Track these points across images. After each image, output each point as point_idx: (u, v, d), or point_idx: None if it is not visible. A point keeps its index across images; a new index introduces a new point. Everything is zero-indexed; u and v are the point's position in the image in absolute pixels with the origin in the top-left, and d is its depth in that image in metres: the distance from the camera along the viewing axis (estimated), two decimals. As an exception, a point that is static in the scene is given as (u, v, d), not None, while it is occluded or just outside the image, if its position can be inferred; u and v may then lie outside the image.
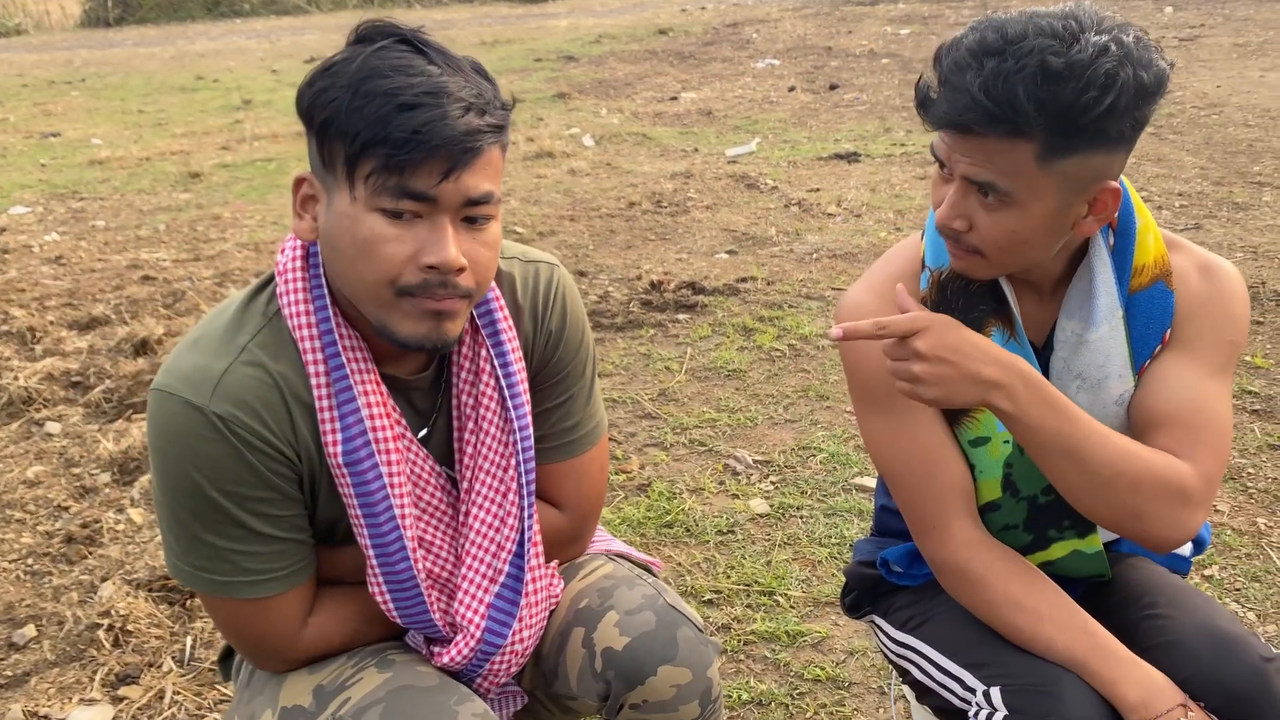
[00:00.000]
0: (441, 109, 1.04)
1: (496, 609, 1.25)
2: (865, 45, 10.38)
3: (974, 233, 1.18)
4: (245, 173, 6.74)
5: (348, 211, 1.08)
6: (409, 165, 1.04)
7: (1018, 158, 1.11)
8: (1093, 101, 1.07)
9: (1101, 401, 1.28)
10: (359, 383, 1.17)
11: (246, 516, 1.14)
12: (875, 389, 1.33)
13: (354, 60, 1.07)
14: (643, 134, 7.17)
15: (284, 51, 13.18)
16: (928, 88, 1.16)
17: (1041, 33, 1.09)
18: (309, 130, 1.10)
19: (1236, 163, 5.51)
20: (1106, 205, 1.18)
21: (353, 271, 1.10)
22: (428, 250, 1.07)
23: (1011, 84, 1.07)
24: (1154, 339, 1.28)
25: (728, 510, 2.63)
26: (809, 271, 4.28)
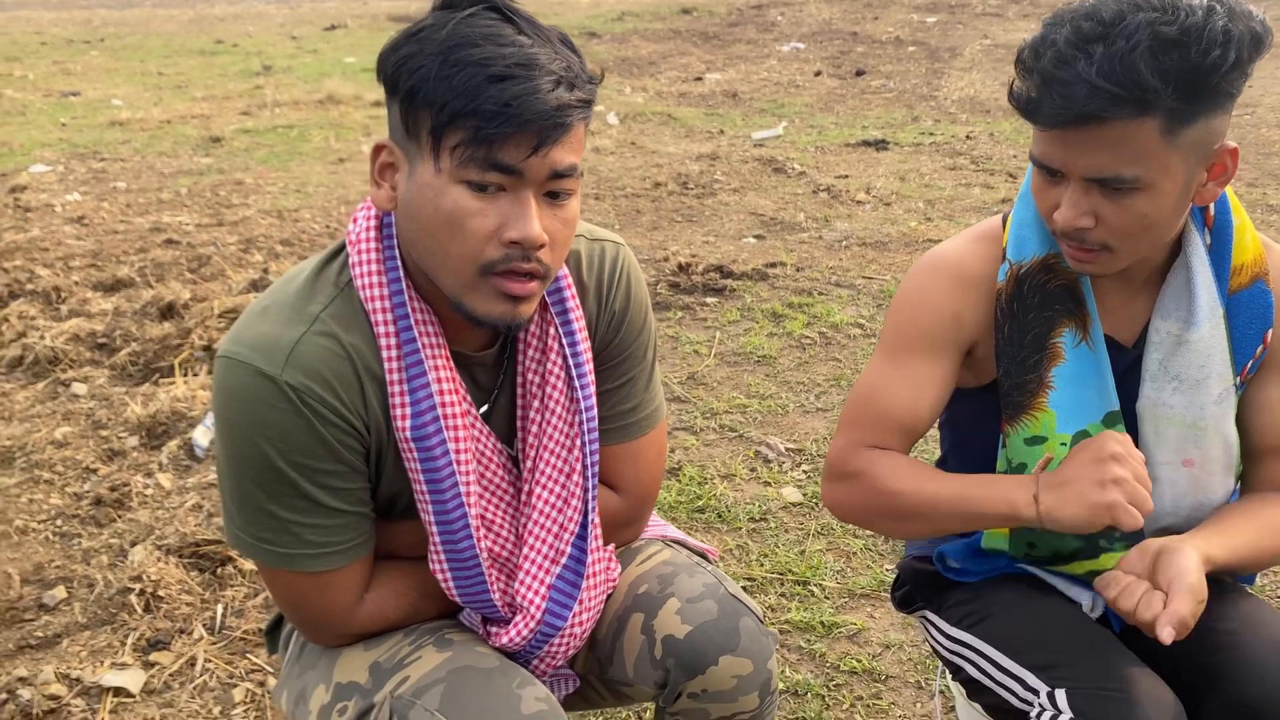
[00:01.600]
0: (533, 82, 1.01)
1: (558, 590, 1.23)
2: (891, 32, 10.29)
3: (1101, 227, 1.15)
4: (267, 139, 6.70)
5: (431, 182, 1.05)
6: (498, 138, 1.01)
7: (1143, 138, 1.09)
8: (1219, 60, 1.05)
9: (1199, 402, 1.26)
10: (430, 358, 1.15)
11: (313, 489, 1.12)
12: (905, 333, 1.33)
13: (442, 27, 1.04)
14: (667, 114, 7.12)
15: (304, 18, 13.11)
16: (1029, 92, 1.12)
17: (1140, 8, 1.07)
18: (391, 97, 1.07)
19: (1270, 164, 5.46)
20: (1226, 167, 1.16)
21: (434, 243, 1.07)
22: (511, 224, 1.04)
23: (1130, 62, 1.05)
24: (1255, 339, 1.25)
25: (760, 497, 2.61)
26: (839, 259, 4.24)
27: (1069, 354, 1.27)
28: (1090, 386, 1.28)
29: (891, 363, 1.33)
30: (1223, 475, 1.32)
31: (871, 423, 1.33)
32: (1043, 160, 1.16)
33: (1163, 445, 1.30)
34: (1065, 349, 1.27)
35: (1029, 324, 1.28)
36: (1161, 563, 1.16)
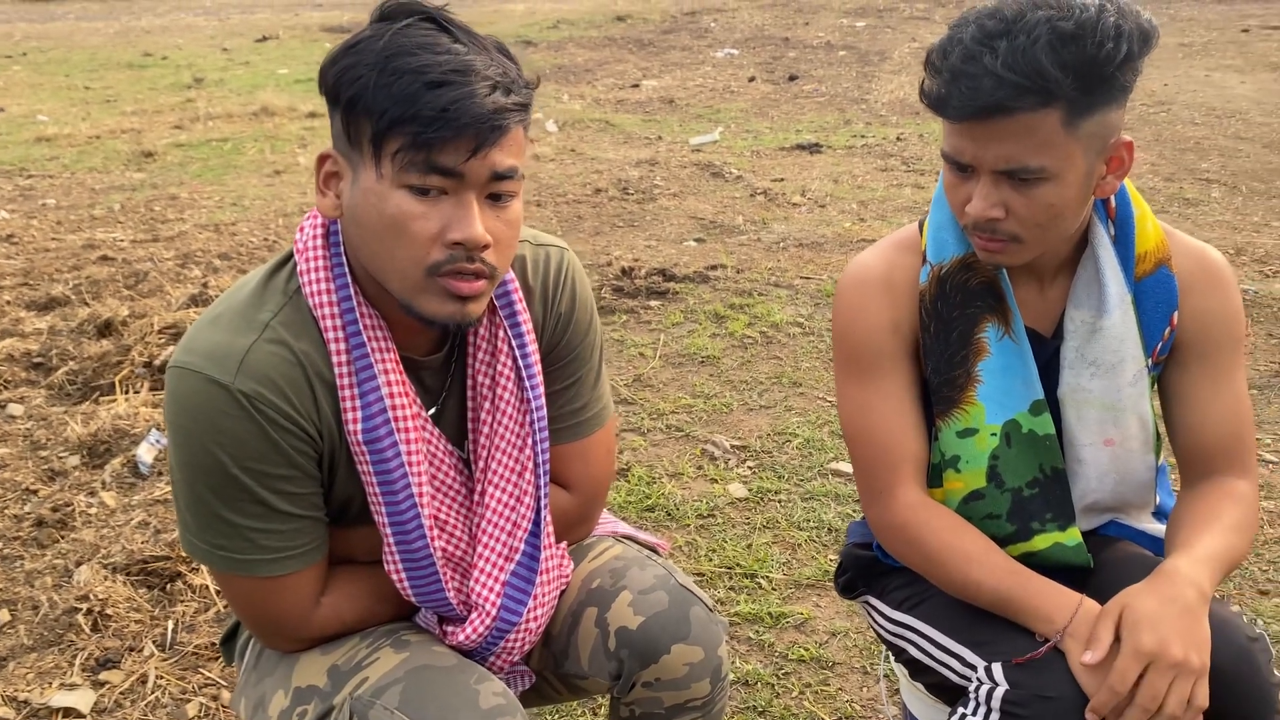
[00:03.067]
0: (469, 87, 1.04)
1: (512, 587, 1.26)
2: (822, 37, 10.46)
3: (1011, 219, 1.22)
4: (200, 153, 6.61)
5: (374, 188, 1.08)
6: (437, 142, 1.04)
7: (1046, 129, 1.16)
8: (1113, 52, 1.13)
9: (1116, 385, 1.33)
10: (379, 361, 1.17)
11: (267, 494, 1.14)
12: (859, 355, 1.39)
13: (380, 37, 1.07)
14: (605, 121, 7.17)
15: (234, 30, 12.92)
16: (939, 88, 1.18)
17: (1038, 6, 1.15)
18: (333, 107, 1.10)
19: (1185, 160, 5.67)
20: (1123, 159, 1.24)
21: (380, 247, 1.10)
22: (454, 226, 1.07)
23: (1032, 54, 1.12)
24: (1162, 322, 1.33)
25: (707, 494, 2.66)
26: (777, 260, 4.32)
27: (993, 348, 1.34)
28: (1015, 377, 1.35)
29: (859, 386, 1.39)
30: (1142, 452, 1.40)
31: (884, 466, 1.38)
32: (953, 155, 1.23)
33: (1085, 427, 1.38)
34: (989, 343, 1.34)
35: (953, 322, 1.34)
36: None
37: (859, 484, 1.43)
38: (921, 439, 1.39)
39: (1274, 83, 7.41)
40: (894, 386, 1.38)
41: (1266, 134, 6.07)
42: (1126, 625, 1.19)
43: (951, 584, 1.35)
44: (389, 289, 1.13)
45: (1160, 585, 1.22)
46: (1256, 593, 2.24)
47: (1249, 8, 10.78)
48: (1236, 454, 1.36)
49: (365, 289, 1.18)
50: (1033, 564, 1.36)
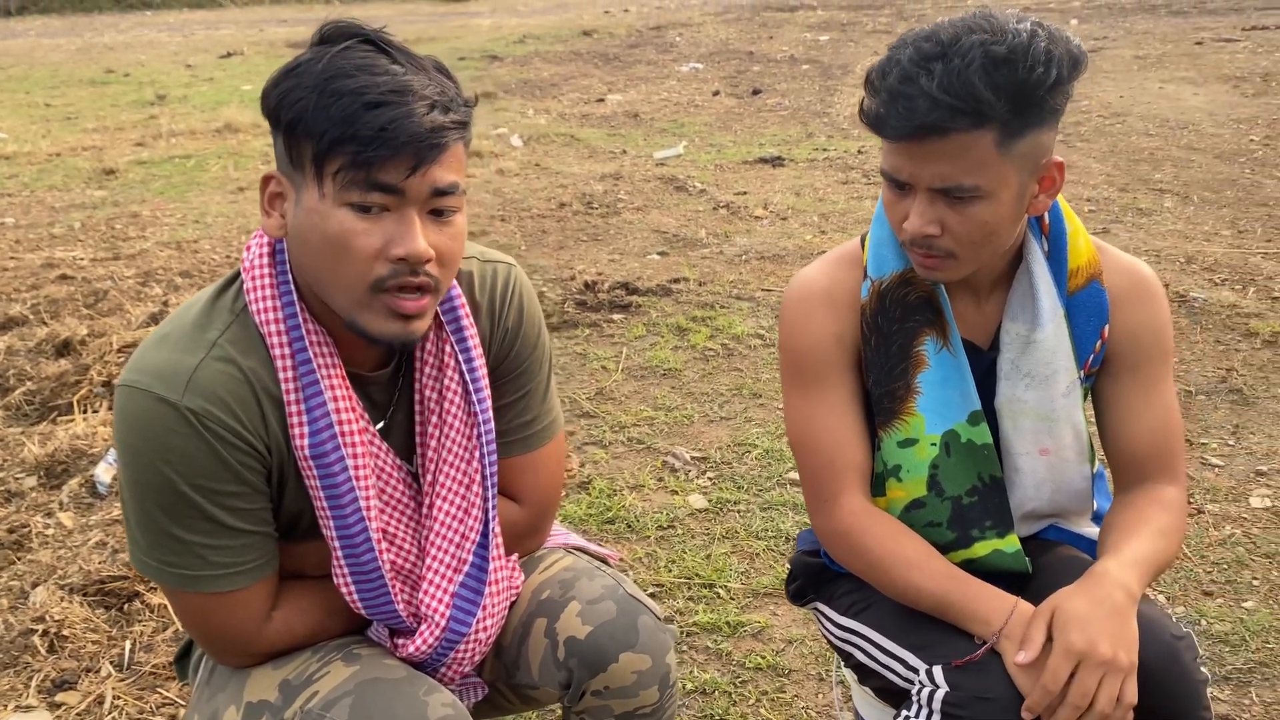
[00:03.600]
0: (407, 106, 1.07)
1: (461, 598, 1.28)
2: (786, 51, 10.56)
3: (946, 235, 1.26)
4: (163, 170, 6.58)
5: (317, 207, 1.10)
6: (376, 161, 1.07)
7: (979, 150, 1.19)
8: (1043, 76, 1.17)
9: (1050, 396, 1.38)
10: (325, 377, 1.19)
11: (216, 510, 1.16)
12: (803, 367, 1.42)
13: (319, 60, 1.10)
14: (571, 135, 7.20)
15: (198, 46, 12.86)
16: (877, 108, 1.22)
17: (973, 30, 1.19)
18: (275, 130, 1.13)
19: (1139, 170, 5.78)
20: (1054, 179, 1.28)
21: (324, 265, 1.12)
22: (396, 242, 1.10)
23: (966, 77, 1.16)
24: (1094, 335, 1.38)
25: (667, 506, 2.69)
26: (739, 273, 4.36)
27: (932, 360, 1.38)
28: (954, 388, 1.39)
29: (804, 397, 1.43)
30: (1077, 462, 1.44)
31: (829, 475, 1.41)
32: (892, 173, 1.27)
33: (1021, 436, 1.42)
34: (928, 356, 1.38)
35: (893, 335, 1.38)
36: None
37: (805, 492, 1.47)
38: (865, 448, 1.43)
39: (1225, 94, 7.58)
40: (837, 397, 1.42)
41: (1218, 145, 6.20)
42: (1057, 626, 1.23)
43: (893, 589, 1.38)
44: (334, 307, 1.15)
45: (1090, 587, 1.26)
46: (1201, 594, 2.29)
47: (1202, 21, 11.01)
48: (1166, 461, 1.41)
49: (311, 306, 1.20)
50: (974, 570, 1.39)
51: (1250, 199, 5.14)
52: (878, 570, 1.39)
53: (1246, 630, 2.15)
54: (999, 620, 1.30)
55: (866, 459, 1.43)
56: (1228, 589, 2.30)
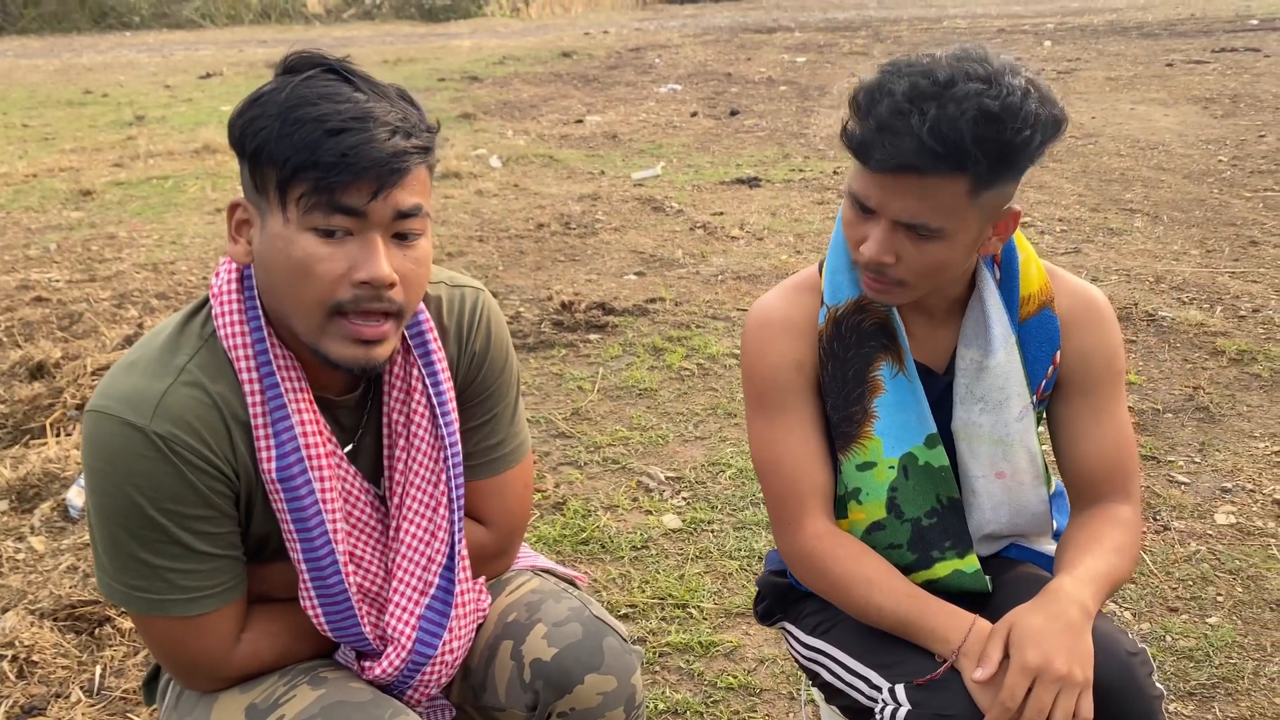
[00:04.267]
0: (369, 133, 1.09)
1: (427, 620, 1.29)
2: (764, 73, 10.65)
3: (900, 265, 1.28)
4: (141, 191, 6.57)
5: (281, 233, 1.12)
6: (339, 186, 1.09)
7: (952, 194, 1.22)
8: (1028, 139, 1.19)
9: (1004, 420, 1.41)
10: (293, 401, 1.21)
11: (184, 534, 1.17)
12: (765, 392, 1.45)
13: (282, 90, 1.12)
14: (549, 156, 7.24)
15: (177, 66, 12.85)
16: (864, 136, 1.23)
17: (969, 76, 1.19)
18: (241, 158, 1.15)
19: (1110, 190, 5.86)
20: (1009, 227, 1.31)
21: (288, 291, 1.14)
22: (360, 266, 1.12)
23: (957, 127, 1.17)
24: (1046, 361, 1.41)
25: (641, 526, 2.70)
26: (715, 293, 4.40)
27: (888, 385, 1.40)
28: (910, 412, 1.42)
29: (766, 421, 1.45)
30: (1033, 484, 1.47)
31: (793, 498, 1.43)
32: (860, 197, 1.29)
33: (977, 460, 1.44)
34: (884, 380, 1.40)
35: (849, 360, 1.41)
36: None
37: (770, 514, 1.49)
38: (827, 471, 1.45)
39: (1195, 115, 7.70)
40: (799, 421, 1.44)
41: (1187, 165, 6.30)
42: (1014, 642, 1.25)
43: (856, 609, 1.40)
44: (297, 332, 1.17)
45: (1046, 604, 1.28)
46: (1166, 609, 2.32)
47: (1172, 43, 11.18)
48: (1119, 481, 1.44)
49: (279, 331, 1.22)
50: (935, 590, 1.41)
51: (1218, 219, 5.22)
52: (840, 590, 1.41)
53: (1210, 646, 2.18)
54: (958, 638, 1.32)
55: (829, 482, 1.45)
56: (1192, 605, 2.33)
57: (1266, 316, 3.91)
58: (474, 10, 18.13)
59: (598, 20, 16.96)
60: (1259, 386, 3.37)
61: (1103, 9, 14.52)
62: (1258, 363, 3.52)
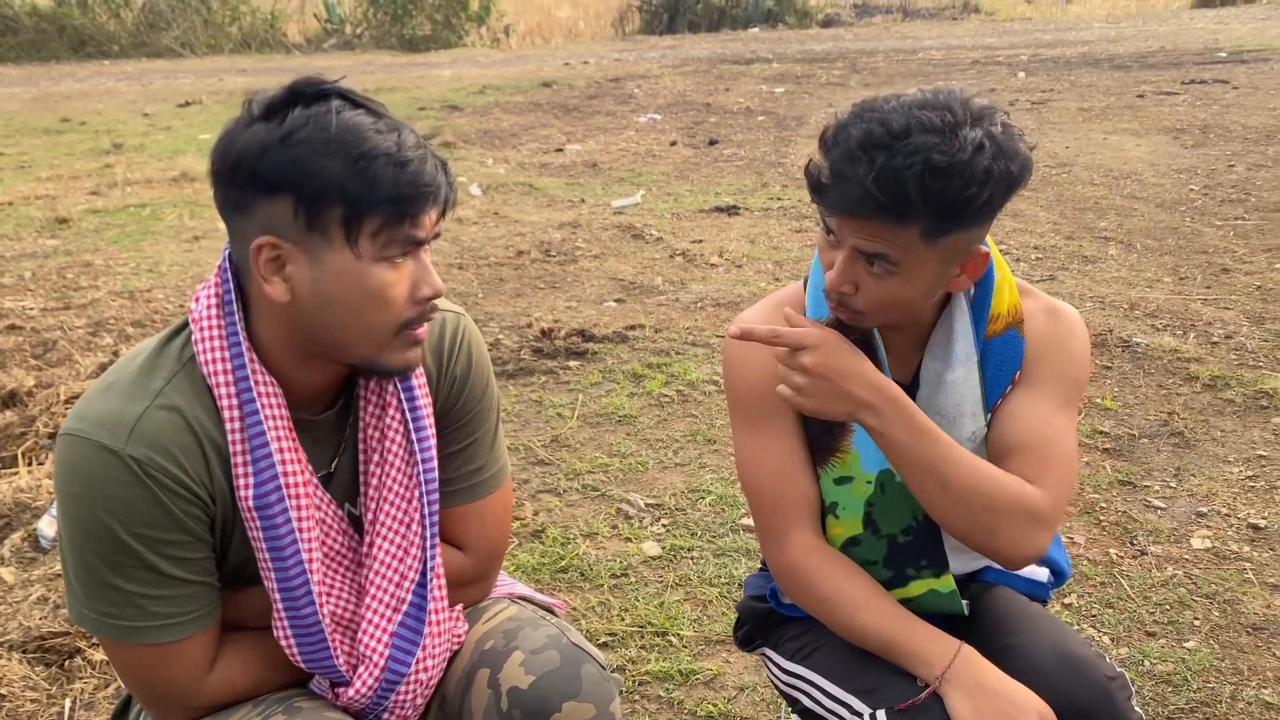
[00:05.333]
0: (425, 163, 1.14)
1: (400, 638, 1.29)
2: (742, 103, 10.74)
3: (859, 295, 1.30)
4: (118, 219, 6.53)
5: (350, 268, 1.14)
6: (414, 216, 1.14)
7: (905, 236, 1.23)
8: (973, 196, 1.20)
9: (957, 437, 1.41)
10: (272, 428, 1.20)
11: (157, 560, 1.15)
12: (750, 407, 1.45)
13: (321, 124, 1.10)
14: (529, 184, 7.26)
15: (156, 95, 12.82)
16: (819, 174, 1.25)
17: (924, 128, 1.19)
18: (269, 196, 1.11)
19: (1084, 219, 5.93)
20: (976, 266, 1.32)
21: (355, 320, 1.16)
22: (422, 284, 1.19)
23: (902, 180, 1.18)
24: (1005, 380, 1.41)
25: (621, 554, 2.69)
26: (695, 320, 4.41)
27: None
28: None
29: (751, 435, 1.45)
30: None
31: (779, 511, 1.43)
32: (826, 222, 1.31)
33: None
34: None
35: None
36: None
37: (757, 529, 1.49)
38: (813, 484, 1.45)
39: (1166, 145, 7.81)
40: (783, 435, 1.44)
41: (1159, 194, 6.38)
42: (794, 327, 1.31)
43: (840, 627, 1.40)
44: (352, 355, 1.20)
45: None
46: (1144, 634, 2.33)
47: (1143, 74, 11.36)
48: (1036, 467, 1.34)
49: (270, 357, 1.21)
50: (910, 609, 1.41)
51: (1190, 247, 5.29)
52: (826, 607, 1.41)
53: (1188, 670, 2.19)
54: (941, 664, 1.32)
55: (815, 495, 1.45)
56: (1170, 629, 2.34)
57: (1239, 343, 3.95)
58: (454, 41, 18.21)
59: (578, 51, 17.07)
60: (1232, 412, 3.40)
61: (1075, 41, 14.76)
62: (1231, 388, 3.55)
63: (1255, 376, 3.61)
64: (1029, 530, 1.32)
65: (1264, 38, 13.65)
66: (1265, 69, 11.10)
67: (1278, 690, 2.13)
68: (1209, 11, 18.25)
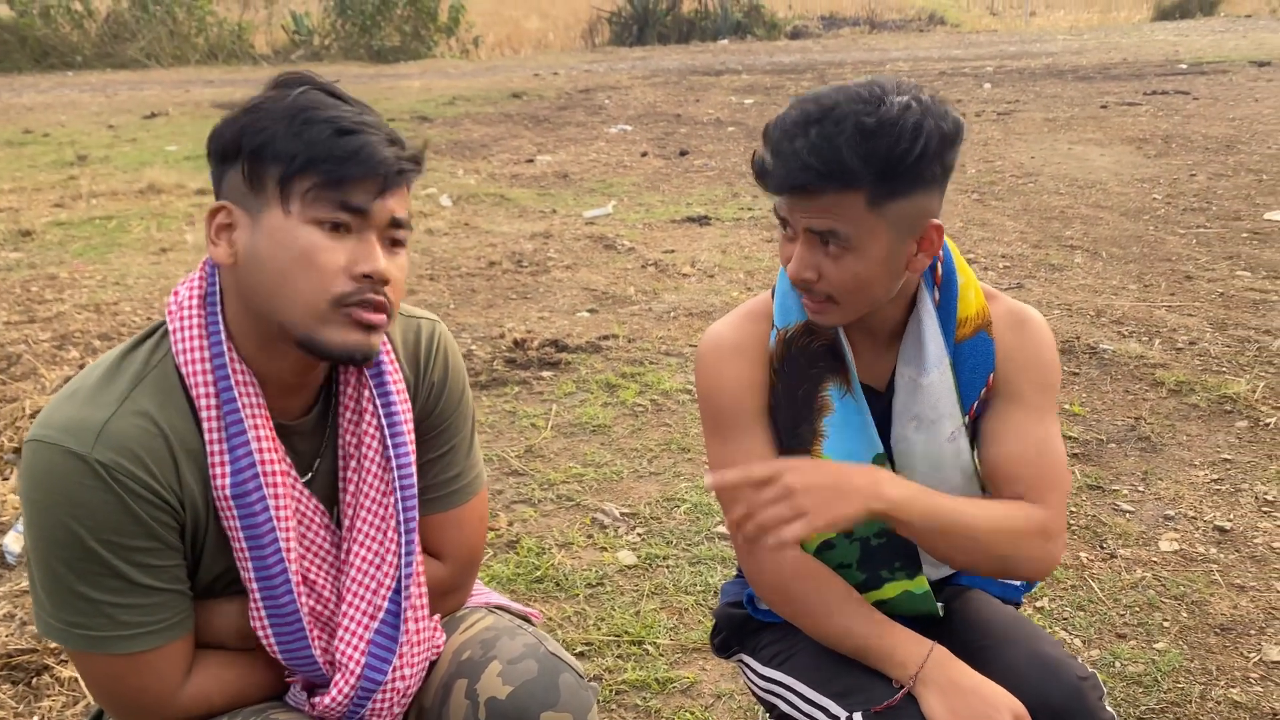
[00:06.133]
0: (376, 137, 1.15)
1: (376, 645, 1.28)
2: (712, 114, 10.80)
3: (823, 281, 1.31)
4: (83, 231, 6.45)
5: (281, 225, 1.14)
6: (348, 180, 1.13)
7: (851, 206, 1.26)
8: (906, 150, 1.23)
9: (936, 440, 1.42)
10: (250, 417, 1.20)
11: (126, 567, 1.14)
12: (720, 416, 1.46)
13: (282, 99, 1.16)
14: (500, 194, 7.25)
15: (121, 106, 12.69)
16: (762, 160, 1.29)
17: (851, 99, 1.25)
18: (229, 162, 1.17)
19: (1051, 227, 6.00)
20: (933, 241, 1.33)
21: (284, 283, 1.15)
22: (360, 260, 1.16)
23: (836, 145, 1.22)
24: (980, 382, 1.43)
25: (596, 563, 2.69)
26: (668, 329, 4.42)
27: (836, 405, 1.42)
28: (858, 432, 1.43)
29: (723, 444, 1.46)
30: None
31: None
32: (778, 211, 1.33)
33: (913, 477, 1.46)
34: (833, 400, 1.42)
35: (799, 381, 1.43)
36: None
37: (731, 536, 1.49)
38: None
39: (1130, 155, 7.93)
40: (755, 443, 1.45)
41: (1123, 203, 6.48)
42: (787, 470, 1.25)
43: (816, 631, 1.41)
44: (290, 325, 1.16)
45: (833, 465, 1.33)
46: (1114, 636, 2.36)
47: (1106, 85, 11.54)
48: (1036, 486, 1.38)
49: (243, 349, 1.21)
50: (885, 612, 1.42)
51: (1154, 254, 5.37)
52: (801, 612, 1.42)
53: (1158, 671, 2.22)
54: (915, 664, 1.33)
55: None
56: (1140, 631, 2.37)
57: (1202, 349, 4.02)
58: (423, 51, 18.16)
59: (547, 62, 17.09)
60: (1197, 417, 3.46)
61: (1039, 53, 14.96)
62: (1195, 393, 3.61)
63: (1219, 381, 3.67)
64: (1045, 548, 1.36)
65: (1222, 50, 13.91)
66: (1224, 80, 11.31)
67: (1246, 690, 2.16)
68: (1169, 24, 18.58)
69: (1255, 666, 2.23)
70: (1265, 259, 5.17)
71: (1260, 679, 2.19)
